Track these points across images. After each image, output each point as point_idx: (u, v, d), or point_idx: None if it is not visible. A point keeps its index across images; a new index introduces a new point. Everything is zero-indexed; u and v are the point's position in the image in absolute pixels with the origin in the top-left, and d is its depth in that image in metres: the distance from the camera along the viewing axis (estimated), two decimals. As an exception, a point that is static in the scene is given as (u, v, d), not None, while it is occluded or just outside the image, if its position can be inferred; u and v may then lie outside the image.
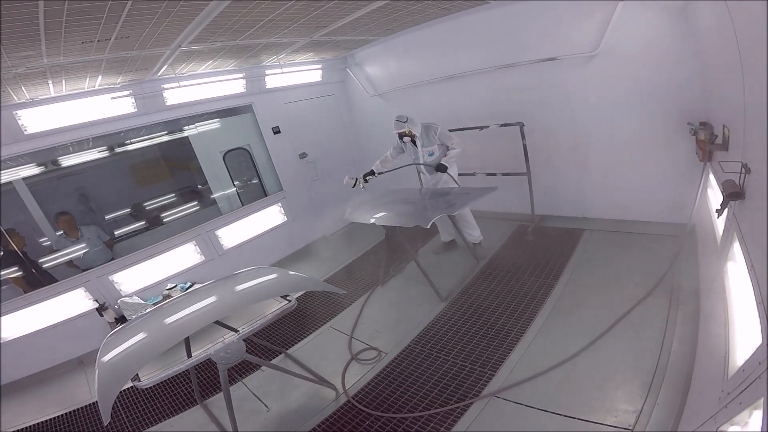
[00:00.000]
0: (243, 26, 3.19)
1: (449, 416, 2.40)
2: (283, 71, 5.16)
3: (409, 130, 3.97)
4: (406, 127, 3.96)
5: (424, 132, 4.05)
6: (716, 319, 1.92)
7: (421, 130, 4.04)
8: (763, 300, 1.27)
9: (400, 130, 3.99)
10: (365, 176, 4.28)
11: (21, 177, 3.98)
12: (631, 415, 2.08)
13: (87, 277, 4.02)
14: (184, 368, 2.11)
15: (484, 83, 4.61)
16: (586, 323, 2.85)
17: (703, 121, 2.96)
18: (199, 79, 4.53)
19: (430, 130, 4.05)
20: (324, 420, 2.61)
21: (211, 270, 4.69)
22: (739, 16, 1.68)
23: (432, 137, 4.04)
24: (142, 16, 2.48)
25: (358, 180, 4.24)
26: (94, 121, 3.99)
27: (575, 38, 3.76)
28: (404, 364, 2.96)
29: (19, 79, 2.99)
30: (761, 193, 1.47)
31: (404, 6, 3.72)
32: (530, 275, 3.69)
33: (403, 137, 4.04)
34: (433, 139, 4.05)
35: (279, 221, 5.48)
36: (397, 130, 4.01)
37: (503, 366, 2.70)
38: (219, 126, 5.19)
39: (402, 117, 3.97)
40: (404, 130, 3.97)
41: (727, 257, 1.92)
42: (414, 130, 3.98)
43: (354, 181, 4.23)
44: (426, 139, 4.06)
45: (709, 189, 2.93)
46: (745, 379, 1.21)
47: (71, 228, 4.21)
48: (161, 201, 5.35)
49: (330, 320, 3.79)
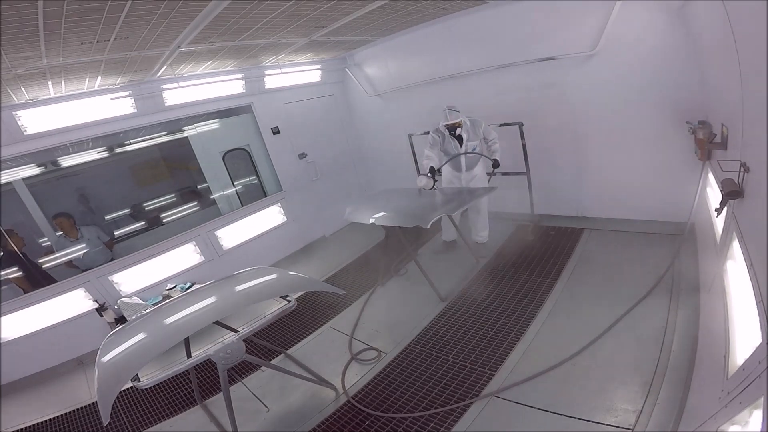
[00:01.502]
0: (242, 27, 3.19)
1: (449, 416, 2.40)
2: (282, 72, 5.17)
3: (461, 121, 3.89)
4: (460, 117, 3.88)
5: (471, 126, 3.99)
6: (716, 318, 1.93)
7: (468, 123, 3.98)
8: (762, 299, 1.27)
9: (455, 120, 3.87)
10: (434, 175, 3.94)
11: (20, 177, 3.98)
12: (632, 414, 2.08)
13: (87, 278, 4.02)
14: (184, 368, 2.11)
15: (483, 83, 4.62)
16: (586, 323, 2.85)
17: (702, 120, 2.97)
18: (199, 80, 4.53)
19: (476, 124, 3.99)
20: (324, 420, 2.61)
21: (210, 270, 4.69)
22: (737, 15, 1.68)
23: (478, 131, 3.99)
24: (141, 17, 2.48)
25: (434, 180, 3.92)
26: (94, 121, 3.98)
27: (574, 38, 3.76)
28: (404, 364, 2.95)
29: (18, 79, 2.99)
30: (760, 192, 1.47)
31: (403, 6, 3.72)
32: (530, 275, 3.69)
33: (456, 128, 3.94)
34: (478, 133, 3.99)
35: (279, 221, 5.47)
36: (452, 120, 3.87)
37: (503, 366, 2.70)
38: (218, 126, 5.19)
39: (456, 107, 3.86)
40: (459, 120, 3.88)
41: (727, 256, 1.92)
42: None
43: (433, 182, 3.91)
44: (472, 133, 4.00)
45: (708, 188, 2.93)
46: (745, 379, 1.21)
47: (71, 228, 4.21)
48: (161, 201, 5.34)
49: (330, 320, 3.79)
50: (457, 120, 3.89)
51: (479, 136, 4.02)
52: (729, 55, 1.84)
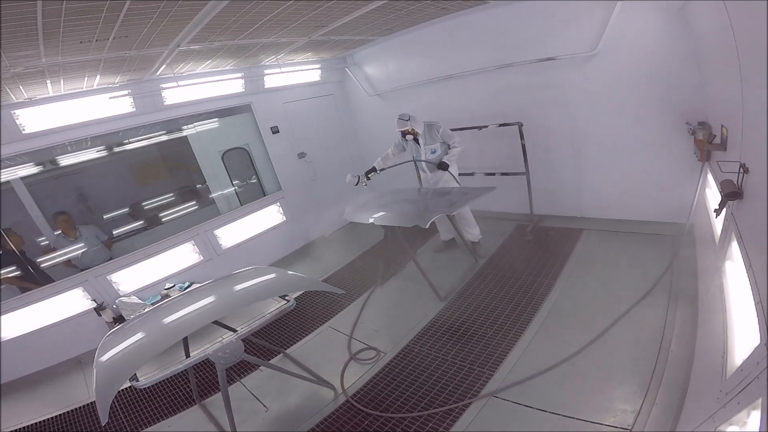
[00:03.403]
0: (241, 26, 3.18)
1: (448, 416, 2.40)
2: (281, 71, 5.16)
3: (412, 128, 3.99)
4: (409, 125, 3.98)
5: (427, 130, 4.07)
6: (715, 319, 1.93)
7: (423, 128, 4.06)
8: (761, 300, 1.27)
9: (403, 128, 4.01)
10: (367, 174, 4.30)
11: (19, 176, 3.96)
12: (630, 414, 2.08)
13: (85, 277, 4.01)
14: (183, 368, 2.11)
15: (482, 83, 4.62)
16: (585, 323, 2.85)
17: (702, 120, 2.97)
18: (198, 79, 4.52)
19: (432, 128, 4.06)
20: (323, 420, 2.60)
21: (209, 270, 4.69)
22: (737, 15, 1.68)
23: (435, 135, 4.06)
24: (140, 16, 2.48)
25: (360, 178, 4.26)
26: (93, 120, 3.98)
27: (574, 38, 3.76)
28: (403, 364, 2.95)
29: (17, 78, 2.98)
30: (759, 193, 1.47)
31: (403, 6, 3.72)
32: (529, 275, 3.70)
33: (406, 135, 4.06)
34: (435, 137, 4.06)
35: (278, 221, 5.47)
36: (400, 128, 4.03)
37: (502, 366, 2.70)
38: (217, 126, 5.18)
39: (405, 115, 3.99)
40: (407, 128, 3.99)
41: (726, 257, 1.92)
42: (417, 128, 4.00)
43: (357, 179, 4.25)
44: (428, 137, 4.08)
45: (708, 189, 2.94)
46: (743, 379, 1.21)
47: (69, 228, 4.20)
48: (160, 201, 5.32)
49: (329, 320, 3.79)
50: (406, 128, 4.00)
51: (436, 140, 4.08)
52: (729, 56, 1.84)
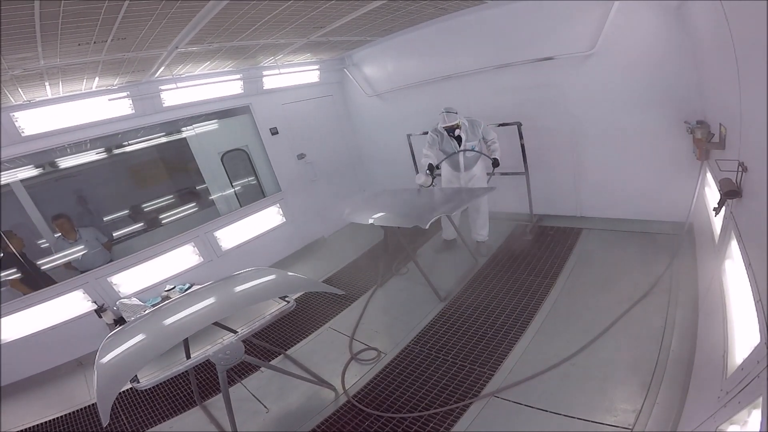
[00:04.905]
0: (240, 27, 3.18)
1: (449, 416, 2.40)
2: (280, 72, 5.16)
3: (459, 122, 3.93)
4: (458, 119, 3.92)
5: (470, 126, 4.03)
6: (715, 318, 1.93)
7: (467, 124, 4.02)
8: (761, 298, 1.27)
9: (453, 122, 3.91)
10: (432, 172, 4.09)
11: (18, 179, 3.96)
12: (631, 414, 2.08)
13: (86, 279, 4.01)
14: (183, 369, 2.11)
15: (481, 83, 4.62)
16: (585, 322, 2.85)
17: (700, 119, 2.97)
18: (197, 81, 4.52)
19: (474, 124, 4.03)
20: (324, 420, 2.61)
21: (209, 271, 4.69)
22: (735, 14, 1.68)
23: (477, 132, 4.02)
24: (138, 18, 2.47)
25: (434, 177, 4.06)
26: (92, 122, 3.97)
27: (572, 38, 3.76)
28: (404, 364, 2.96)
29: (15, 80, 2.98)
30: (758, 191, 1.48)
31: (401, 6, 3.72)
32: (529, 275, 3.70)
33: (455, 129, 3.97)
34: (477, 133, 4.02)
35: (277, 222, 5.47)
36: (450, 122, 3.91)
37: (502, 366, 2.70)
38: (217, 127, 5.18)
39: (453, 108, 3.91)
40: (457, 122, 3.92)
41: (725, 255, 1.92)
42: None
43: (431, 180, 4.06)
44: (471, 134, 4.03)
45: (707, 187, 2.94)
46: (743, 378, 1.21)
47: (69, 230, 4.20)
48: (159, 202, 5.33)
49: (329, 321, 3.79)
50: (455, 122, 3.92)
51: (478, 136, 4.05)
52: (727, 55, 1.84)
